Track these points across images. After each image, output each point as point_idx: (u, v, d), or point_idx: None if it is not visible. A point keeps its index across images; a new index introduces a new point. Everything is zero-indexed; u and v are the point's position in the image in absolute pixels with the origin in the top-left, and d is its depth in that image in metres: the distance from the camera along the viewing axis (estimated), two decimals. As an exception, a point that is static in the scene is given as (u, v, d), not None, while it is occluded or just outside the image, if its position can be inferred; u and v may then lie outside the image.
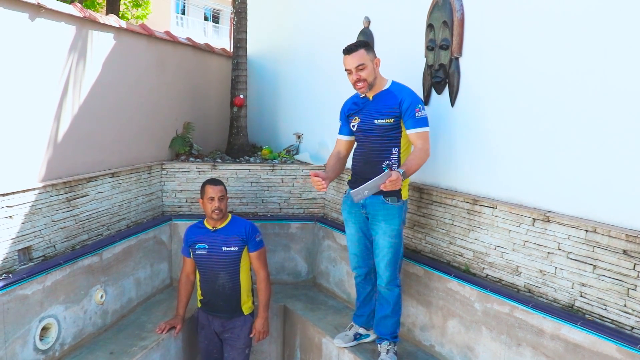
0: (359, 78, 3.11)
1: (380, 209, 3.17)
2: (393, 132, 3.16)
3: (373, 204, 3.18)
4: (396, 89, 3.18)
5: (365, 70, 3.10)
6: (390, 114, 3.13)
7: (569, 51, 2.67)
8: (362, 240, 3.38)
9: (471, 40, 3.26)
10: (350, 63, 3.11)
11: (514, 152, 3.00)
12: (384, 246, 3.19)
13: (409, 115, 3.07)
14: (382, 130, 3.16)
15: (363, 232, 3.36)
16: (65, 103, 3.47)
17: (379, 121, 3.17)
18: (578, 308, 2.62)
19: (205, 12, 27.77)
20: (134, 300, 4.10)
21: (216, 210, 3.58)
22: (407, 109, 3.08)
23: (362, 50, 3.11)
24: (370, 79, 3.13)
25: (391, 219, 3.16)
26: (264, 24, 5.72)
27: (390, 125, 3.14)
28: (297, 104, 5.31)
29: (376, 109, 3.19)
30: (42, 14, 3.20)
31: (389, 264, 3.21)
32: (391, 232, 3.17)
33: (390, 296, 3.28)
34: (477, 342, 3.13)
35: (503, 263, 3.01)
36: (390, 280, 3.24)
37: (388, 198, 3.14)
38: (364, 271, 3.46)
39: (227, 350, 3.73)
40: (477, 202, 3.16)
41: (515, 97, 2.97)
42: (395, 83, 3.22)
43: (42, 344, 3.14)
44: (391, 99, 3.14)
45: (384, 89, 3.20)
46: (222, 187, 3.67)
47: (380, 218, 3.18)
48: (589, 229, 2.54)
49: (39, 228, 3.17)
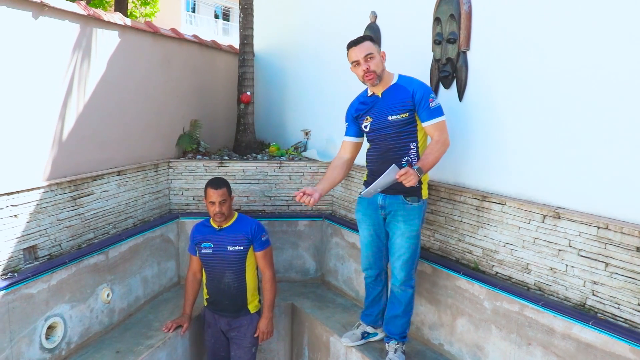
0: (368, 68, 3.01)
1: (400, 209, 3.09)
2: (409, 127, 3.06)
3: (392, 203, 3.11)
4: (405, 81, 3.10)
5: (374, 60, 3.02)
6: (404, 108, 3.03)
7: (580, 43, 2.60)
8: (376, 243, 3.30)
9: (479, 34, 3.20)
10: (358, 54, 3.02)
11: (523, 146, 2.93)
12: (401, 246, 3.11)
13: (423, 107, 2.98)
14: (398, 126, 3.06)
15: (377, 235, 3.28)
16: (70, 101, 3.46)
17: (393, 117, 3.06)
18: (590, 307, 2.55)
19: (216, 9, 27.82)
20: (141, 299, 4.09)
21: (217, 214, 3.54)
22: (420, 100, 2.99)
23: (368, 42, 3.05)
24: (378, 70, 3.04)
25: (411, 219, 3.09)
26: (270, 20, 5.68)
27: (405, 120, 3.04)
28: (305, 100, 5.27)
29: (388, 105, 3.09)
30: (46, 12, 3.19)
31: (405, 264, 3.13)
32: (410, 233, 3.10)
33: (403, 297, 3.21)
34: (486, 341, 3.08)
35: (513, 260, 2.95)
36: (405, 281, 3.17)
37: (409, 198, 3.06)
38: (375, 272, 3.39)
39: (233, 349, 3.71)
40: (486, 198, 3.09)
41: (525, 90, 2.91)
42: (402, 76, 3.15)
43: (48, 342, 3.14)
44: (402, 93, 3.05)
45: (392, 84, 3.12)
46: (224, 190, 3.55)
47: (400, 218, 3.10)
48: (601, 226, 2.47)
49: (45, 227, 3.17)
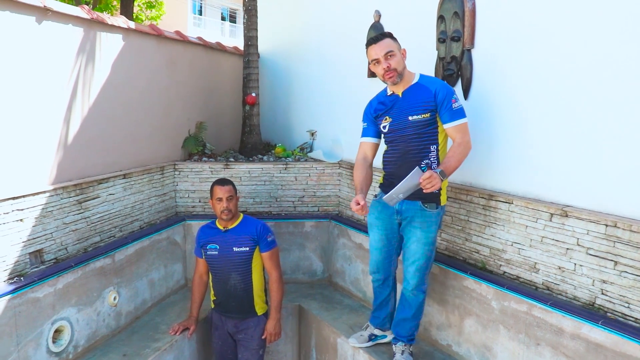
0: (389, 67, 2.90)
1: (417, 216, 3.01)
2: (430, 128, 2.94)
3: (409, 209, 3.02)
4: (427, 81, 3.00)
5: (395, 58, 2.91)
6: (426, 108, 2.92)
7: (588, 37, 2.56)
8: (386, 248, 3.23)
9: (483, 31, 3.16)
10: (378, 52, 2.91)
11: (529, 144, 2.90)
12: (416, 252, 3.03)
13: (445, 108, 2.87)
14: (418, 127, 2.95)
15: (388, 240, 3.20)
16: (74, 105, 3.46)
17: (414, 117, 2.95)
18: (599, 306, 2.51)
19: (222, 12, 27.87)
20: (148, 302, 4.09)
21: (225, 211, 3.55)
22: (442, 100, 2.88)
23: (388, 39, 2.95)
24: (399, 68, 2.93)
25: (428, 226, 3.00)
26: (274, 21, 5.67)
27: (426, 120, 2.93)
28: (310, 100, 5.25)
29: (409, 104, 2.98)
30: (49, 17, 3.20)
31: (418, 270, 3.06)
32: (426, 240, 3.01)
33: (414, 301, 3.15)
34: (494, 342, 3.04)
35: (520, 260, 2.91)
36: (417, 286, 3.10)
37: (427, 204, 2.97)
38: (382, 276, 3.32)
39: (240, 351, 3.70)
40: (492, 197, 3.06)
41: (531, 88, 2.87)
42: (424, 75, 3.05)
43: (55, 346, 3.14)
44: (424, 92, 2.94)
45: (413, 83, 3.00)
46: (230, 187, 3.62)
47: (417, 225, 3.01)
48: (609, 224, 2.43)
49: (50, 231, 3.18)
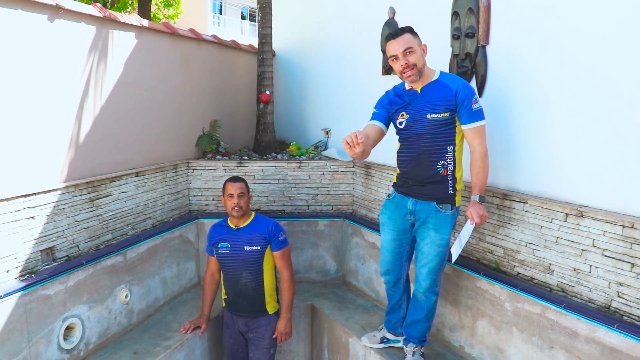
0: (407, 64, 2.78)
1: (432, 217, 2.94)
2: (447, 128, 2.85)
3: (424, 210, 2.96)
4: (447, 78, 2.88)
5: (414, 54, 2.78)
6: (446, 106, 2.81)
7: (605, 34, 2.48)
8: (398, 248, 3.17)
9: (498, 27, 3.10)
10: (397, 48, 2.79)
11: (544, 143, 2.83)
12: (429, 253, 2.97)
13: (465, 108, 2.78)
14: (436, 126, 2.85)
15: (400, 240, 3.14)
16: (87, 103, 3.48)
17: (432, 116, 2.84)
18: (615, 309, 2.44)
19: (242, 10, 27.99)
20: (160, 300, 4.10)
21: (235, 207, 3.54)
22: (463, 100, 2.78)
23: (408, 34, 2.81)
24: (419, 64, 2.81)
25: (443, 227, 2.93)
26: (288, 18, 5.65)
27: (445, 120, 2.83)
28: (325, 99, 5.22)
29: (428, 102, 2.87)
30: (61, 15, 3.21)
31: (431, 272, 3.00)
32: (440, 241, 2.94)
33: (426, 303, 3.10)
34: (507, 344, 2.98)
35: (534, 261, 2.84)
36: (429, 288, 3.04)
37: (442, 205, 2.92)
38: (393, 278, 3.26)
39: (251, 349, 3.69)
40: (506, 196, 2.99)
41: (546, 86, 2.80)
42: (444, 73, 2.94)
43: (67, 343, 3.16)
44: (444, 90, 2.83)
45: (433, 80, 2.89)
46: (242, 184, 3.61)
47: (431, 226, 2.95)
48: (626, 225, 2.35)
49: (62, 228, 3.19)
